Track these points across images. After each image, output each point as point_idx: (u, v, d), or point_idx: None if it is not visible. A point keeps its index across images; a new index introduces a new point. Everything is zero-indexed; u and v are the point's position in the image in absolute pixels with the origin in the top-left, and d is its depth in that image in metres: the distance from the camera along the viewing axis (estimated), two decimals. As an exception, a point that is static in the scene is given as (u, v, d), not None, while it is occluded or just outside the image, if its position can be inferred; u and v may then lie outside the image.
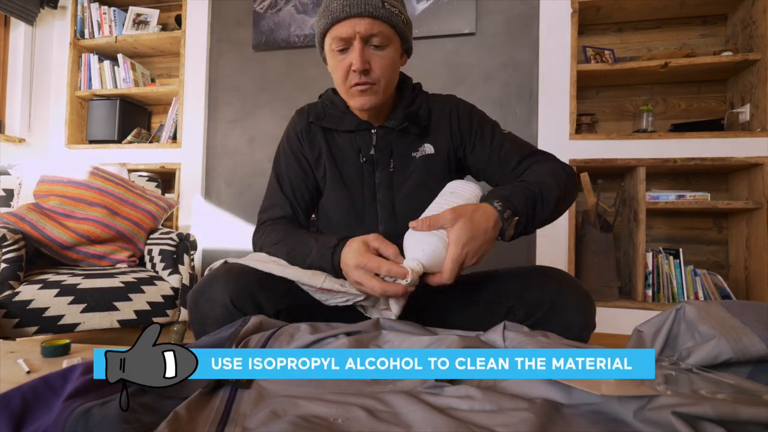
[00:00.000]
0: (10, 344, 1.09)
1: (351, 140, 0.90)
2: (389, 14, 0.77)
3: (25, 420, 0.38)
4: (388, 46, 0.80)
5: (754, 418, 0.35)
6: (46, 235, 1.57)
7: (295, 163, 0.93)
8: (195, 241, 1.75)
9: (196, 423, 0.38)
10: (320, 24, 0.81)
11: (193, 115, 2.44)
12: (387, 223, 0.89)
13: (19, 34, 2.49)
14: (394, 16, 0.78)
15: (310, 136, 0.92)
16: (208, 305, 0.72)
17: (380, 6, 0.76)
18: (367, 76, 0.80)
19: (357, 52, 0.77)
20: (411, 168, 0.89)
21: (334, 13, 0.77)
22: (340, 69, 0.81)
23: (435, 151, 0.90)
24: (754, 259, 1.88)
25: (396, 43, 0.82)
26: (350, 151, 0.90)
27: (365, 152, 0.89)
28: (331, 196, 0.91)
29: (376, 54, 0.79)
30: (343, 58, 0.80)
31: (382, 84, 0.82)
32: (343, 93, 0.85)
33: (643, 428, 0.38)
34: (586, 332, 0.74)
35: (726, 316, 0.52)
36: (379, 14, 0.76)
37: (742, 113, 1.95)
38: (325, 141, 0.91)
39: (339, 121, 0.89)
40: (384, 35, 0.78)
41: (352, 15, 0.75)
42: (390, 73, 0.82)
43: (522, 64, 2.12)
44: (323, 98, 0.95)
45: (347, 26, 0.77)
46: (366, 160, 0.89)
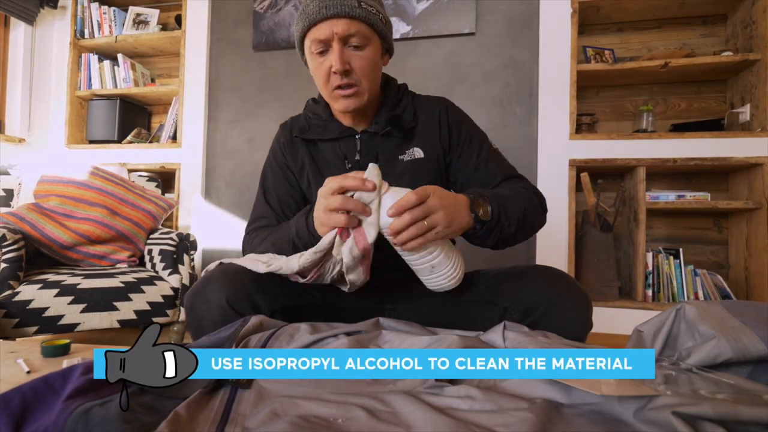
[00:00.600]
0: (10, 344, 1.09)
1: (335, 148, 0.89)
2: (366, 14, 0.77)
3: (25, 420, 0.38)
4: (368, 46, 0.79)
5: (754, 418, 0.35)
6: (46, 235, 1.57)
7: (281, 176, 0.93)
8: (195, 241, 1.75)
9: (196, 423, 0.38)
10: (298, 27, 0.81)
11: (193, 115, 2.44)
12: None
13: (19, 34, 2.48)
14: (372, 15, 0.78)
15: (293, 148, 0.92)
16: (205, 307, 0.72)
17: (356, 6, 0.76)
18: (348, 77, 0.79)
19: (336, 53, 0.77)
20: (398, 171, 0.87)
21: (311, 16, 0.76)
22: (320, 71, 0.80)
23: (425, 155, 0.88)
24: (754, 259, 1.88)
25: (375, 42, 0.81)
26: (335, 159, 0.89)
27: (351, 158, 0.88)
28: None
29: (355, 54, 0.79)
30: (323, 60, 0.79)
31: (365, 85, 0.81)
32: (327, 96, 0.85)
33: (643, 428, 0.38)
34: (583, 332, 0.74)
35: (726, 316, 0.52)
36: (356, 14, 0.76)
37: (742, 113, 1.95)
38: (308, 152, 0.91)
39: (323, 130, 0.89)
40: (362, 35, 0.78)
41: (329, 16, 0.75)
42: (371, 73, 0.81)
43: (522, 64, 2.12)
44: (306, 110, 0.95)
45: (325, 28, 0.76)
46: (351, 167, 0.87)
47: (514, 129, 2.11)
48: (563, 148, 2.01)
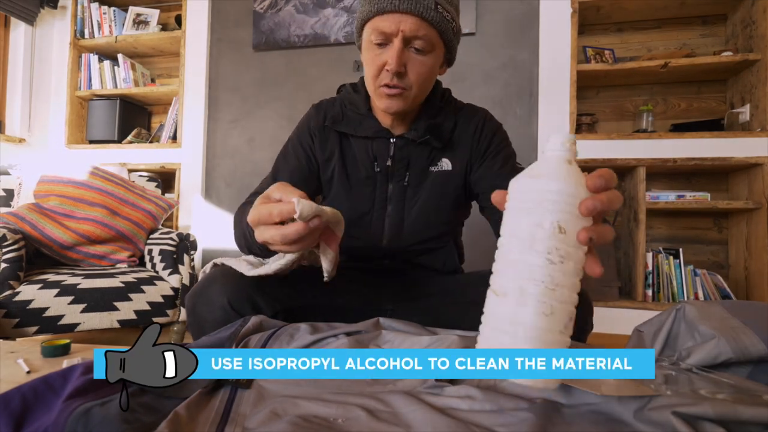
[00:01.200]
0: (10, 344, 1.09)
1: (367, 147, 0.84)
2: (440, 19, 0.70)
3: (25, 420, 0.38)
4: (431, 53, 0.73)
5: (754, 418, 0.35)
6: (46, 235, 1.57)
7: (303, 157, 0.87)
8: (195, 241, 1.75)
9: (196, 423, 0.38)
10: (363, 10, 0.73)
11: (193, 115, 2.44)
12: (392, 238, 0.85)
13: (19, 34, 2.49)
14: (445, 21, 0.71)
15: (323, 135, 0.86)
16: (206, 308, 0.71)
17: (432, 7, 0.68)
18: (401, 79, 0.73)
19: (395, 51, 0.70)
20: (426, 183, 0.84)
21: (380, 3, 0.69)
22: (373, 64, 0.74)
23: (452, 168, 0.84)
24: (754, 259, 1.88)
25: (439, 50, 0.75)
26: (364, 159, 0.84)
27: (381, 162, 0.83)
28: (335, 202, 0.87)
29: (415, 58, 0.72)
30: (380, 53, 0.72)
31: (414, 91, 0.75)
32: (371, 90, 0.78)
33: (643, 428, 0.38)
34: (583, 334, 0.74)
35: (726, 316, 0.52)
36: (429, 16, 0.69)
37: (742, 113, 1.95)
38: (339, 144, 0.85)
39: (357, 125, 0.83)
40: (428, 40, 0.71)
41: (400, 10, 0.68)
42: (425, 82, 0.76)
43: (522, 64, 2.12)
44: (342, 95, 0.88)
45: (392, 20, 0.69)
46: (380, 171, 0.83)
47: (514, 129, 2.11)
48: (563, 148, 2.01)
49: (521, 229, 0.39)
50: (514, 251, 0.39)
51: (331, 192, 0.88)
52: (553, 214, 0.37)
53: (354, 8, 2.27)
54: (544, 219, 0.38)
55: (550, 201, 0.37)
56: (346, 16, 2.28)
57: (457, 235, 0.97)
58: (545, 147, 0.40)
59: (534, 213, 0.38)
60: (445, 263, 0.91)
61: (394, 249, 0.85)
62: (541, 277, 0.37)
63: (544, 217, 0.38)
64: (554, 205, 0.37)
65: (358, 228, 0.85)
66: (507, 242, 0.40)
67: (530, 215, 0.38)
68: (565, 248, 0.37)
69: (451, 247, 0.92)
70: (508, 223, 0.41)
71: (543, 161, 0.40)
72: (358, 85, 0.88)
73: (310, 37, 2.31)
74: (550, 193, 0.37)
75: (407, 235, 0.85)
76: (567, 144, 0.39)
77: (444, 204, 0.84)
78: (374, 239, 0.86)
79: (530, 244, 0.38)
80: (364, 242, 0.86)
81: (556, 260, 0.37)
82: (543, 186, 0.38)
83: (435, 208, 0.84)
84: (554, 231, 0.37)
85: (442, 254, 0.90)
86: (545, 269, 0.37)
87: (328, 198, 0.89)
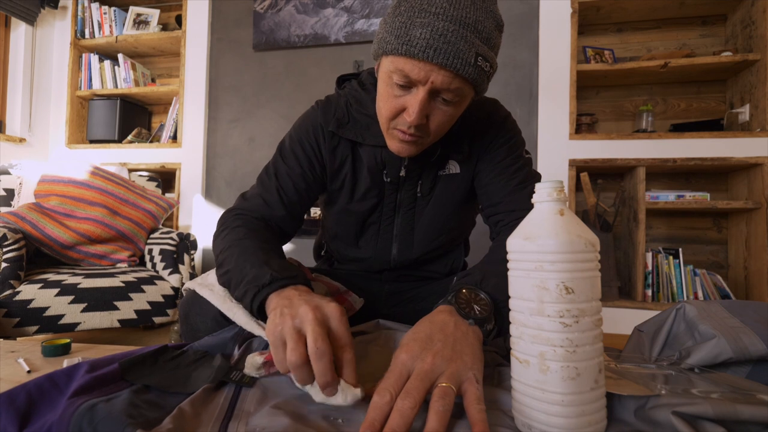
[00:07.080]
0: (11, 344, 1.09)
1: (375, 154, 0.75)
2: (477, 73, 0.58)
3: (30, 416, 0.39)
4: (459, 103, 0.62)
5: (753, 418, 0.35)
6: (46, 235, 1.58)
7: (305, 161, 0.77)
8: (195, 241, 1.75)
9: (200, 419, 0.39)
10: (386, 39, 0.59)
11: (193, 115, 2.45)
12: (401, 249, 0.82)
13: (20, 34, 2.49)
14: (482, 74, 0.59)
15: (334, 141, 0.77)
16: (199, 318, 0.67)
17: (471, 63, 0.56)
18: (419, 129, 0.63)
19: (418, 102, 0.59)
20: (435, 189, 0.78)
21: (413, 46, 0.56)
22: (390, 104, 0.63)
23: (460, 171, 0.78)
24: (753, 258, 1.89)
25: (469, 97, 0.64)
26: (373, 165, 0.76)
27: (392, 172, 0.76)
28: (343, 213, 0.81)
29: (440, 109, 0.62)
30: (400, 95, 0.61)
31: (431, 138, 0.66)
32: (383, 125, 0.67)
33: (643, 428, 0.38)
34: None
35: (726, 316, 0.53)
36: (466, 73, 0.57)
37: (742, 113, 1.95)
38: (351, 151, 0.77)
39: (365, 131, 0.74)
40: (459, 92, 0.60)
41: (433, 62, 0.56)
42: (444, 128, 0.66)
43: (522, 64, 2.12)
44: (347, 93, 0.78)
45: (422, 69, 0.57)
46: (390, 181, 0.77)
47: (514, 129, 2.11)
48: (563, 148, 2.02)
49: (527, 292, 0.38)
50: (525, 315, 0.38)
51: (338, 201, 0.81)
52: (556, 275, 0.36)
53: (354, 8, 2.28)
54: (547, 282, 0.37)
55: (549, 262, 0.37)
56: (346, 16, 2.28)
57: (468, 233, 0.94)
58: (534, 197, 0.40)
59: (536, 276, 0.37)
60: (452, 265, 0.90)
61: (403, 261, 0.83)
62: (560, 342, 0.36)
63: (547, 280, 0.37)
64: (554, 266, 0.37)
65: (366, 239, 0.82)
66: (517, 305, 0.40)
67: (533, 278, 0.38)
68: (577, 307, 0.36)
69: (461, 247, 0.91)
70: (514, 286, 0.40)
71: (535, 215, 0.40)
72: (365, 82, 0.78)
73: (310, 37, 2.31)
74: (549, 255, 0.37)
75: (418, 244, 0.81)
76: (554, 193, 0.39)
77: (455, 208, 0.80)
78: (382, 251, 0.82)
79: (540, 309, 0.37)
80: (371, 253, 0.83)
81: (570, 322, 0.36)
82: (539, 247, 0.37)
83: (446, 215, 0.79)
84: (561, 293, 0.36)
85: (451, 257, 0.89)
86: (561, 334, 0.36)
87: (336, 206, 0.82)
